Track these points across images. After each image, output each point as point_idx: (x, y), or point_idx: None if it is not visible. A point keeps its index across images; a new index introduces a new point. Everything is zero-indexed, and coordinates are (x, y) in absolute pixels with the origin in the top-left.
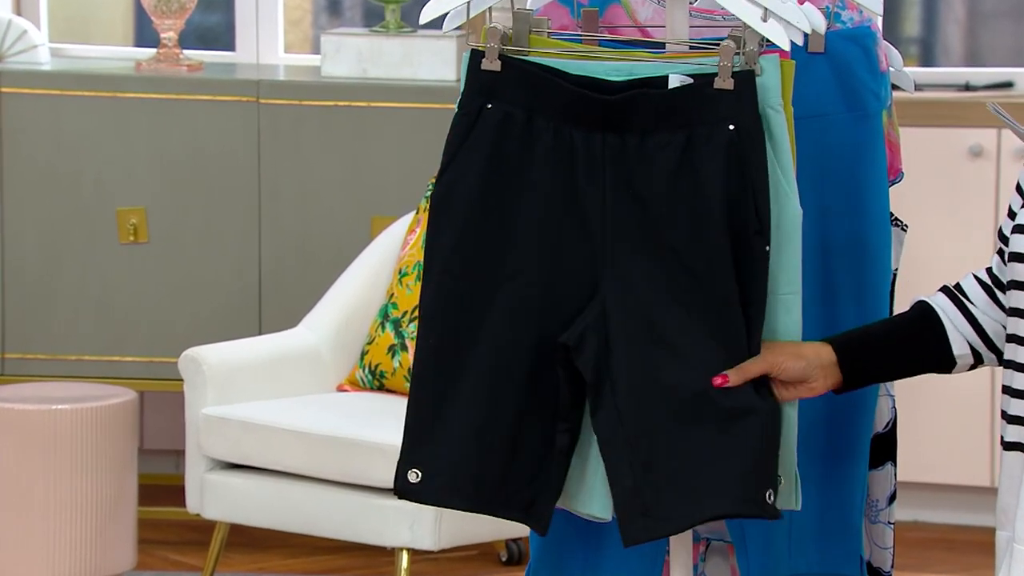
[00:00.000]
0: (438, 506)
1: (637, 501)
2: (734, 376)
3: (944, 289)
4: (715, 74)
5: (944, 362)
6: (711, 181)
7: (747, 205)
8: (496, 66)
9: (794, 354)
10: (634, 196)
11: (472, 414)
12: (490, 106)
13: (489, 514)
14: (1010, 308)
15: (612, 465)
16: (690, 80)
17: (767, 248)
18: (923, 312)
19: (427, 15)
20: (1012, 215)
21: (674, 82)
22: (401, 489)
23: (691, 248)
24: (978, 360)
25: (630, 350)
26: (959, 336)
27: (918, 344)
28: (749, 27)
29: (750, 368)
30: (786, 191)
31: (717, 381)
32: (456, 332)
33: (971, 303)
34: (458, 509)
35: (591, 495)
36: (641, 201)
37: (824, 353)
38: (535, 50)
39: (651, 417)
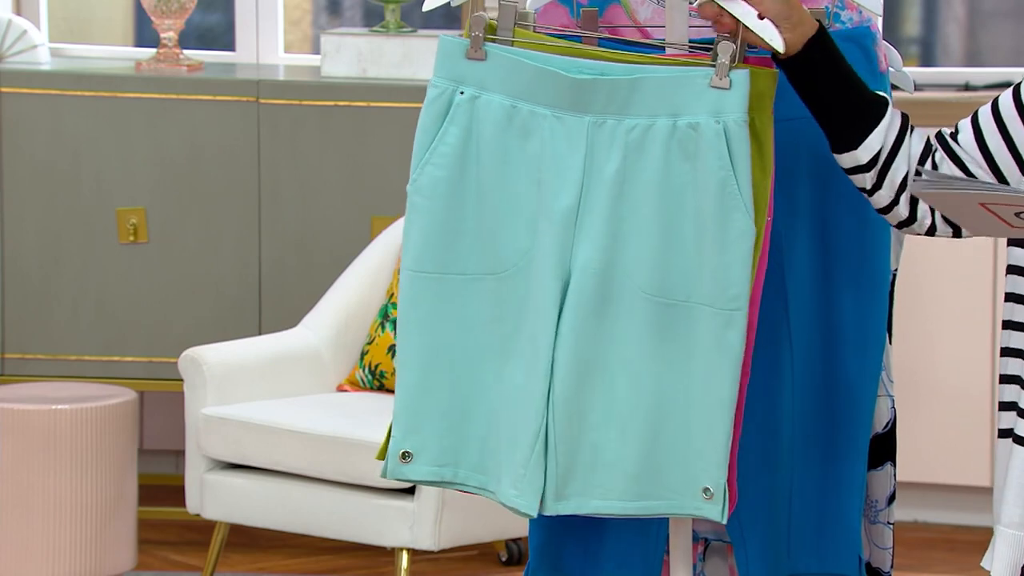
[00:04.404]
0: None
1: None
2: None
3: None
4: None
5: (855, 136)
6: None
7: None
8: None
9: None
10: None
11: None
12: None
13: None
14: (1007, 293)
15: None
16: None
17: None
18: (889, 106)
19: (428, 5)
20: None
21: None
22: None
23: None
24: (875, 177)
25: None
26: (881, 139)
27: (861, 107)
28: (745, 25)
29: None
30: (739, 205)
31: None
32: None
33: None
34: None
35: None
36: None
37: (809, 19)
38: (519, 40)
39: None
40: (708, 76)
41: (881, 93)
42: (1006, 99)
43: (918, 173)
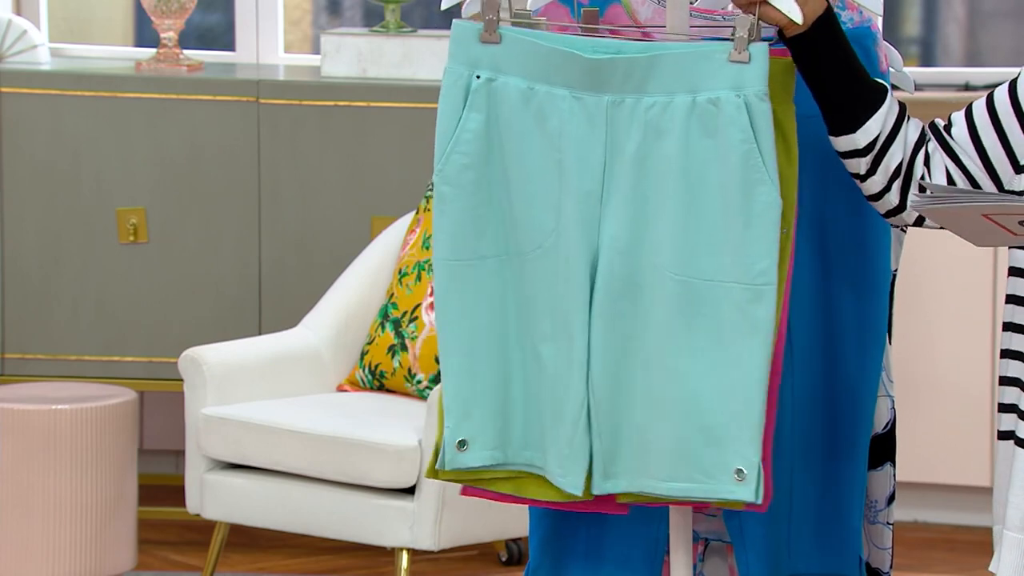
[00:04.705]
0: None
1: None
2: None
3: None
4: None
5: (854, 119)
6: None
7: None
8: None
9: None
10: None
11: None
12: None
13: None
14: (1008, 295)
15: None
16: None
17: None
18: (888, 92)
19: (447, 3)
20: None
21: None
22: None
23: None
24: (870, 162)
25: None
26: (880, 124)
27: (862, 91)
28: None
29: None
30: (764, 178)
31: None
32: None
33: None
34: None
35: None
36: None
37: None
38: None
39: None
40: (727, 51)
41: (880, 80)
42: (1001, 94)
43: (921, 189)
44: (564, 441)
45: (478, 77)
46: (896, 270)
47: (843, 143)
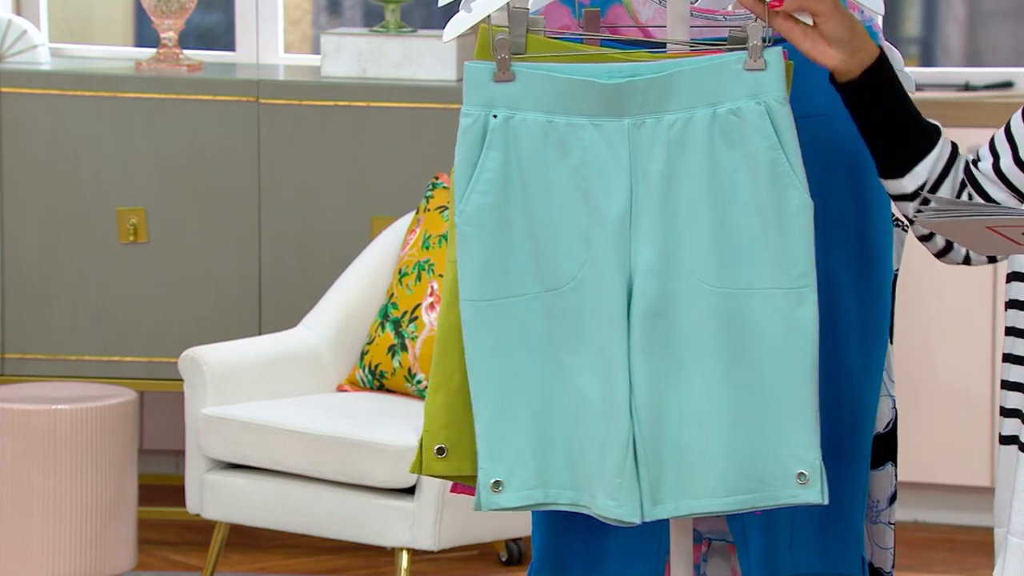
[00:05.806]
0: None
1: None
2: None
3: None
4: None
5: (903, 165)
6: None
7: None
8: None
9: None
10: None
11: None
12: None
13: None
14: (1009, 300)
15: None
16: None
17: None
18: (940, 136)
19: (449, 35)
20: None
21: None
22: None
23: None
24: (918, 206)
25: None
26: (928, 170)
27: (913, 137)
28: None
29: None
30: (793, 182)
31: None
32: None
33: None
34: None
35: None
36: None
37: (870, 45)
38: (541, 55)
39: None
40: (742, 60)
41: (934, 122)
42: (1017, 117)
43: (925, 202)
44: (614, 471)
45: (495, 116)
46: (897, 270)
47: (892, 187)
